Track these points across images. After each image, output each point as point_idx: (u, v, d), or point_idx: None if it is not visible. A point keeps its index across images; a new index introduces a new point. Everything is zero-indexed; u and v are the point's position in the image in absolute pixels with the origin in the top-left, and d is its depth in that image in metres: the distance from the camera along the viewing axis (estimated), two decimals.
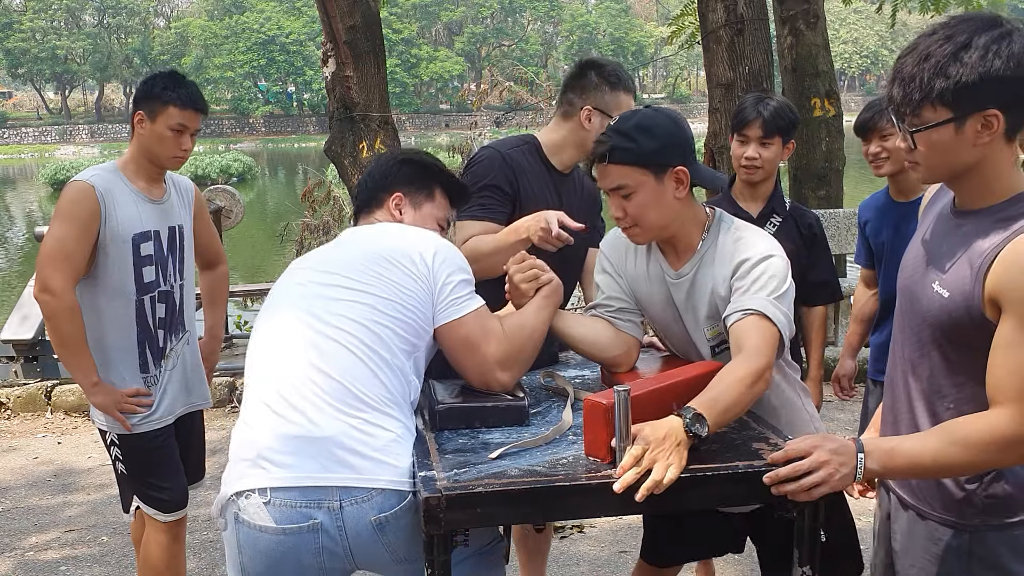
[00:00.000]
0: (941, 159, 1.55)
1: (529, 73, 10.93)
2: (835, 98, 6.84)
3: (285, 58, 59.51)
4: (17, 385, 6.02)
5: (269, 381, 1.88)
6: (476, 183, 2.57)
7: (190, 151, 2.82)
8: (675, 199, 2.00)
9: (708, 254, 2.07)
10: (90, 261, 2.68)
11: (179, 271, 2.88)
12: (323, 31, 6.67)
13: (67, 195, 2.68)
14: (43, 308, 2.65)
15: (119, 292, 2.72)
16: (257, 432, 1.84)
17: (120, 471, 2.87)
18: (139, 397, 2.77)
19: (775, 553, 2.18)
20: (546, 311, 2.10)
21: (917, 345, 1.68)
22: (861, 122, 2.96)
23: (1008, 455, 1.55)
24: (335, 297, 1.92)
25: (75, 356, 2.70)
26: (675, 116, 2.04)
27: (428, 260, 1.96)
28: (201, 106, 2.78)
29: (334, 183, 9.28)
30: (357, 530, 1.76)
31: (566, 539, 3.77)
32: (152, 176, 2.81)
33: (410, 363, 1.93)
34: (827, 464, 1.61)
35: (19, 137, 58.42)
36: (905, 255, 1.78)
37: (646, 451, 1.65)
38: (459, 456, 1.80)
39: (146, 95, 2.74)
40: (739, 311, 1.94)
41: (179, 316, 2.90)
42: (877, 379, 3.11)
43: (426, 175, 2.26)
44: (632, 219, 2.01)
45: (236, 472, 1.84)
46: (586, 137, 2.61)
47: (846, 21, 63.42)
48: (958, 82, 1.47)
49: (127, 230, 2.69)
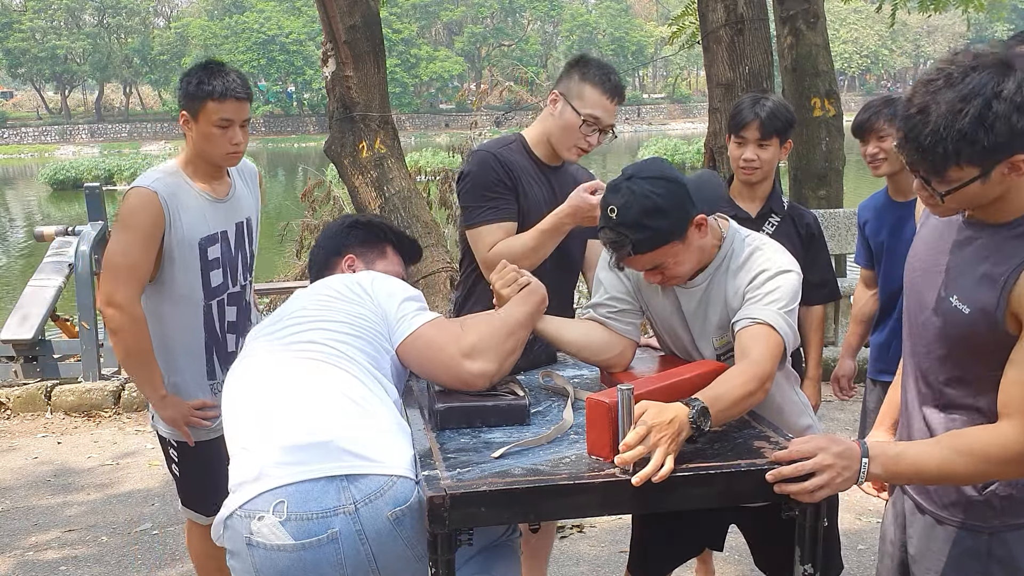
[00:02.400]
0: (965, 204, 1.56)
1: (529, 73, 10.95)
2: (835, 98, 6.84)
3: (285, 58, 59.48)
4: (17, 385, 6.01)
5: (259, 409, 1.89)
6: (479, 187, 2.56)
7: (244, 144, 2.60)
8: (700, 240, 2.00)
9: (723, 265, 2.07)
10: (155, 268, 2.56)
11: (248, 268, 2.77)
12: (323, 31, 6.67)
13: (129, 202, 2.52)
14: (108, 322, 2.54)
15: (186, 298, 2.60)
16: (258, 452, 1.80)
17: (174, 473, 2.81)
18: (205, 410, 2.66)
19: (771, 553, 2.18)
20: (523, 307, 2.11)
21: (929, 354, 1.68)
22: (858, 123, 2.96)
23: (1013, 468, 1.56)
24: (295, 332, 2.00)
25: (142, 369, 2.59)
26: (665, 173, 1.94)
27: (366, 287, 2.07)
28: (242, 93, 2.54)
29: (334, 183, 9.28)
30: (376, 529, 1.72)
31: (566, 539, 3.77)
32: (212, 174, 2.65)
33: (380, 373, 1.97)
34: (831, 468, 1.61)
35: (19, 137, 58.42)
36: (910, 255, 1.78)
37: (650, 432, 1.65)
38: (462, 455, 1.80)
39: (184, 94, 2.55)
40: (748, 319, 1.96)
41: (249, 314, 2.80)
42: (877, 379, 3.11)
43: (376, 235, 2.36)
44: (670, 278, 2.02)
45: (240, 492, 1.78)
46: (553, 124, 2.60)
47: (846, 21, 63.43)
48: (985, 146, 1.43)
49: (193, 235, 2.56)
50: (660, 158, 2.06)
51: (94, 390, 5.88)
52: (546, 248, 2.52)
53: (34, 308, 6.05)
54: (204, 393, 2.70)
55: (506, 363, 2.06)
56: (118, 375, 6.18)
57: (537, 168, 2.66)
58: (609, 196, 1.93)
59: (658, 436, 1.65)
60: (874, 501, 4.01)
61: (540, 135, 2.67)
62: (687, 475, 1.69)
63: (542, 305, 2.15)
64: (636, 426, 1.66)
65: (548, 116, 2.64)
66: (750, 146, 2.78)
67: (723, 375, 1.87)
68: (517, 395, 2.03)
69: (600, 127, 2.57)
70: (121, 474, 4.77)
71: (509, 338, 2.06)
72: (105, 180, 29.02)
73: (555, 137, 2.61)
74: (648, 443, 1.64)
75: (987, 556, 1.65)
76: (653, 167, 1.96)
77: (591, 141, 2.58)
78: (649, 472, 1.63)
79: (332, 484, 1.72)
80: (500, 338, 2.05)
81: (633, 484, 1.64)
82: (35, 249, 13.83)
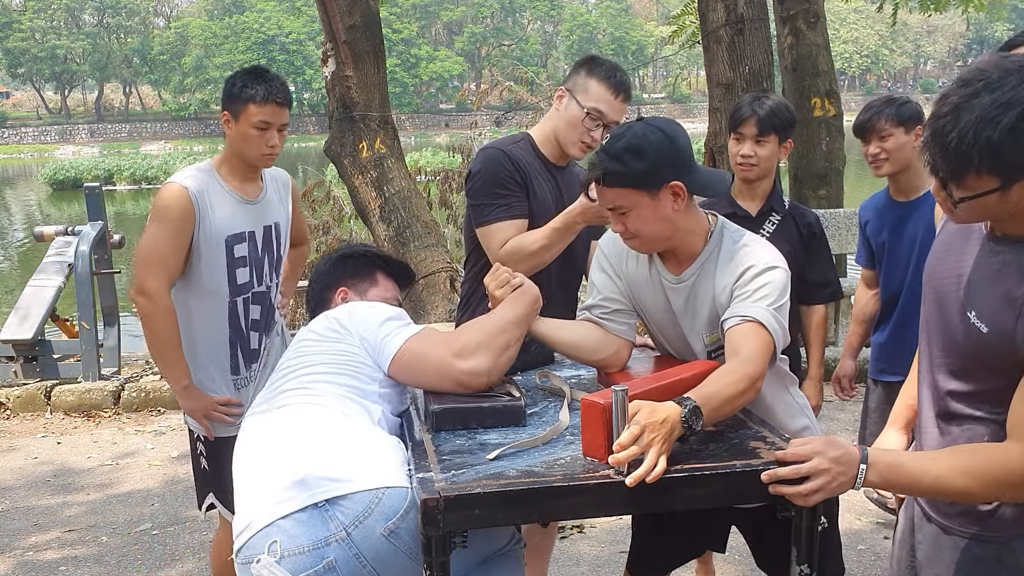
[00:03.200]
0: (980, 215, 1.50)
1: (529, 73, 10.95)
2: (835, 98, 6.84)
3: (285, 58, 59.53)
4: (17, 385, 6.02)
5: (246, 469, 1.94)
6: (489, 185, 2.56)
7: (279, 147, 2.72)
8: (673, 212, 1.99)
9: (710, 261, 2.06)
10: (185, 262, 2.65)
11: (275, 270, 2.85)
12: (323, 31, 6.68)
13: (162, 197, 2.63)
14: (139, 310, 2.63)
15: (212, 293, 2.69)
16: (248, 504, 1.85)
17: (202, 467, 2.87)
18: (229, 407, 2.73)
19: (771, 553, 2.18)
20: (515, 306, 2.11)
21: (944, 364, 1.65)
22: (859, 123, 2.96)
23: (1015, 491, 1.53)
24: (276, 391, 2.05)
25: (168, 358, 2.67)
26: (668, 128, 1.98)
27: (344, 322, 2.10)
28: (282, 99, 2.67)
29: (334, 183, 9.29)
30: (374, 550, 1.73)
31: (566, 539, 3.77)
32: (246, 175, 2.75)
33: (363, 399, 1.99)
34: (826, 472, 1.60)
35: (19, 137, 58.47)
36: (931, 257, 1.72)
37: (643, 431, 1.65)
38: (456, 457, 1.80)
39: (228, 95, 2.67)
40: (738, 317, 1.95)
41: (273, 314, 2.88)
42: (878, 379, 3.11)
43: (365, 264, 2.42)
44: (631, 232, 2.02)
45: (237, 542, 1.83)
46: (558, 120, 2.61)
47: (846, 21, 63.45)
48: (1011, 160, 1.37)
49: (221, 232, 2.65)
50: (677, 122, 2.08)
51: (94, 390, 5.88)
52: (557, 247, 2.52)
53: (34, 308, 6.06)
54: (228, 388, 2.78)
55: (500, 360, 2.06)
56: (118, 375, 6.19)
57: (544, 167, 2.67)
58: (615, 128, 2.02)
59: (651, 436, 1.64)
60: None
61: (547, 133, 2.67)
62: (683, 476, 1.68)
63: (535, 305, 2.15)
64: (630, 426, 1.66)
65: (554, 113, 2.65)
66: (747, 142, 2.78)
67: (714, 374, 1.87)
68: (513, 396, 2.03)
69: (604, 122, 2.57)
70: (121, 474, 4.77)
71: (500, 335, 2.06)
72: (105, 180, 29.10)
73: (561, 133, 2.62)
74: (642, 443, 1.64)
75: (996, 564, 1.62)
76: (664, 121, 2.01)
77: (595, 136, 2.58)
78: (643, 473, 1.62)
79: (317, 512, 1.74)
80: (490, 336, 2.05)
81: (627, 484, 1.63)
82: (35, 249, 13.84)
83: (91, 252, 6.04)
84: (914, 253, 2.92)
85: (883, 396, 3.09)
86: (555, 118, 2.64)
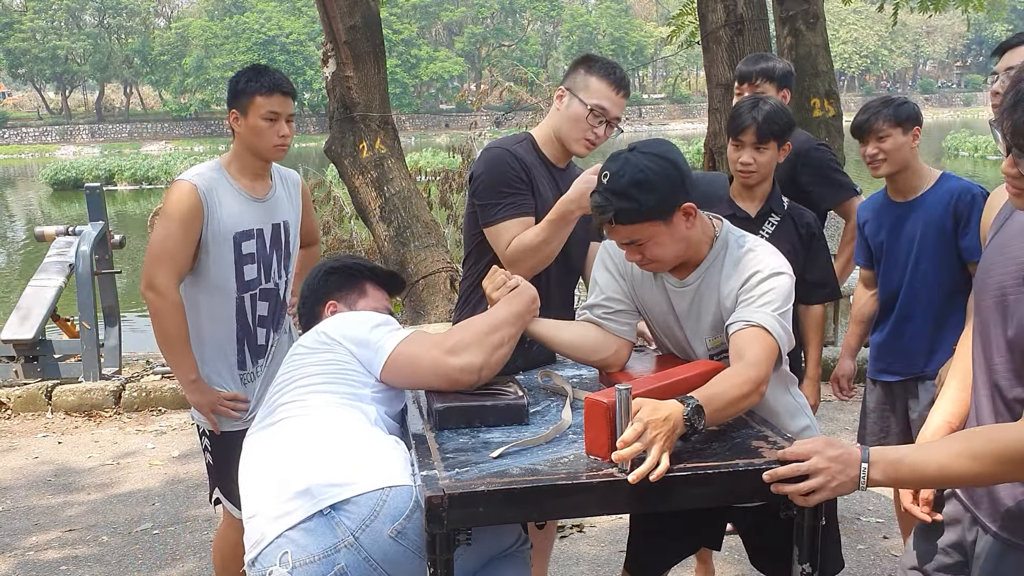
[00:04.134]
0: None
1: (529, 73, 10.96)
2: (835, 98, 6.84)
3: (285, 58, 59.44)
4: (18, 385, 6.02)
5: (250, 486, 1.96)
6: (495, 184, 2.56)
7: (290, 137, 2.77)
8: (687, 230, 2.00)
9: (715, 266, 2.07)
10: (193, 259, 2.69)
11: (284, 267, 2.87)
12: (323, 31, 6.69)
13: (171, 195, 2.68)
14: (148, 305, 2.67)
15: (220, 289, 2.72)
16: (257, 519, 1.87)
17: (208, 461, 2.91)
18: (236, 402, 2.77)
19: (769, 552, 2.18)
20: (509, 305, 2.12)
21: (1011, 371, 1.58)
22: (857, 124, 2.96)
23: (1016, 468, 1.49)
24: (271, 409, 2.06)
25: (177, 353, 2.71)
26: (667, 153, 1.96)
27: (331, 334, 2.11)
28: (287, 89, 2.74)
29: (334, 183, 9.30)
30: (383, 552, 1.75)
31: (566, 539, 3.78)
32: (256, 172, 2.79)
33: (359, 402, 2.00)
34: (824, 471, 1.61)
35: (19, 137, 58.43)
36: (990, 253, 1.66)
37: (646, 428, 1.65)
38: (460, 455, 1.81)
39: (233, 93, 2.73)
40: (743, 321, 1.96)
41: (282, 311, 2.91)
42: (877, 379, 3.11)
43: (352, 275, 2.42)
44: (650, 259, 2.02)
45: (249, 556, 1.85)
46: (560, 119, 2.61)
47: (846, 21, 63.46)
48: None
49: (228, 229, 2.69)
50: (667, 141, 2.07)
51: (94, 390, 5.88)
52: (557, 239, 2.51)
53: (35, 308, 6.06)
54: (235, 383, 2.80)
55: (494, 357, 2.06)
56: (118, 375, 6.19)
57: (546, 168, 2.67)
58: (607, 163, 1.97)
59: (654, 433, 1.65)
60: (874, 501, 4.01)
61: (548, 133, 2.68)
62: (685, 475, 1.69)
63: (531, 305, 2.16)
64: (632, 423, 1.66)
65: (555, 113, 2.65)
66: (747, 149, 2.78)
67: (719, 375, 1.88)
68: (516, 395, 2.04)
69: (607, 118, 2.58)
70: (121, 474, 4.77)
71: (493, 332, 2.07)
72: (106, 180, 29.07)
73: (563, 131, 2.62)
74: (645, 439, 1.65)
75: None
76: (657, 145, 1.99)
77: (599, 132, 2.59)
78: (645, 470, 1.63)
79: (323, 520, 1.76)
80: (483, 333, 2.06)
81: (630, 482, 1.64)
82: (35, 249, 13.84)
83: (92, 252, 6.05)
84: (912, 253, 2.93)
85: (882, 396, 3.09)
86: (556, 117, 2.64)
